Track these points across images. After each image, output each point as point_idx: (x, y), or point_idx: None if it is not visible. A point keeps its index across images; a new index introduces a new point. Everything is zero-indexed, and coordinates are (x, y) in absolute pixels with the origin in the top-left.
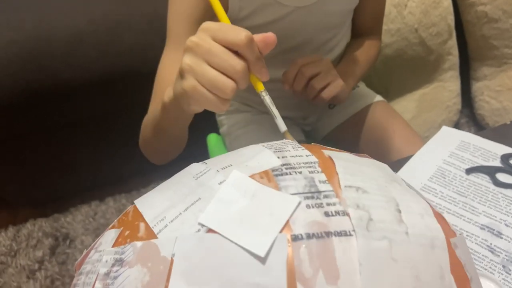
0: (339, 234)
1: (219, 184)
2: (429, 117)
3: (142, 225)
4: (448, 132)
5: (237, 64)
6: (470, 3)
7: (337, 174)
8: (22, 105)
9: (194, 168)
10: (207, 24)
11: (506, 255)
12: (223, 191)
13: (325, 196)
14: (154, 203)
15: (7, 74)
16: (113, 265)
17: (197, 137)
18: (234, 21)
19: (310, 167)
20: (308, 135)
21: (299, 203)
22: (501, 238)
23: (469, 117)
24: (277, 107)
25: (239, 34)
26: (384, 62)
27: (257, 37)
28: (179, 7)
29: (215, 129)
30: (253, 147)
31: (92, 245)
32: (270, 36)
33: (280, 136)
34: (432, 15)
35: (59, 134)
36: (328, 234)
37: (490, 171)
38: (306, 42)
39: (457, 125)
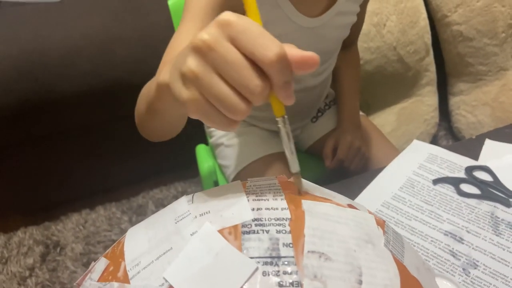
0: None
1: (191, 235)
2: (408, 130)
3: (123, 264)
4: (418, 145)
5: (257, 86)
6: (446, 23)
7: (304, 235)
8: (15, 115)
9: (180, 208)
10: (229, 17)
11: (466, 259)
12: (191, 245)
13: (284, 263)
14: (137, 241)
15: (2, 85)
16: None
17: (188, 146)
18: None
19: (280, 225)
20: None
21: (256, 269)
22: (463, 243)
23: (447, 130)
24: (262, 120)
25: (270, 48)
26: (365, 78)
27: (294, 54)
28: None
29: (204, 138)
30: (235, 190)
31: (90, 268)
32: (312, 57)
33: (262, 147)
34: (410, 34)
35: (51, 144)
36: None
37: (454, 182)
38: None
39: (435, 138)
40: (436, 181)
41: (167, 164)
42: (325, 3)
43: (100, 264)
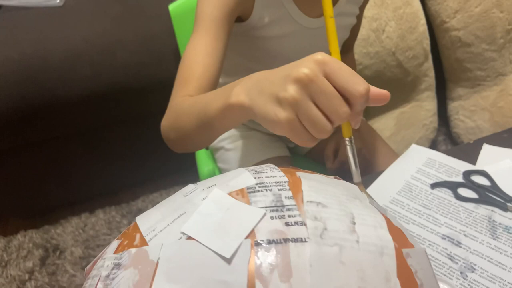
0: (296, 240)
1: (201, 200)
2: (407, 135)
3: (138, 235)
4: (417, 150)
5: (344, 112)
6: (444, 29)
7: (302, 191)
8: (16, 119)
9: (187, 188)
10: (324, 58)
11: (464, 263)
12: (203, 206)
13: (288, 209)
14: (150, 217)
15: (3, 89)
16: (112, 269)
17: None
18: (252, 28)
19: (280, 185)
20: (292, 151)
21: (264, 214)
22: (460, 247)
23: (446, 135)
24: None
25: (359, 85)
26: None
27: (374, 91)
28: None
29: None
30: (237, 170)
31: (100, 254)
32: (386, 94)
33: (263, 151)
34: (409, 39)
35: (51, 147)
36: (286, 240)
37: (452, 186)
38: None
39: (434, 143)
40: (434, 185)
41: (166, 168)
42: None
43: (113, 245)
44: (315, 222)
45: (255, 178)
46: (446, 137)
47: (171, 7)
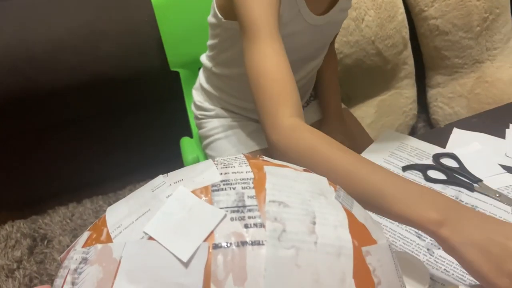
0: (253, 243)
1: (166, 197)
2: (387, 122)
3: (105, 230)
4: (390, 135)
5: None
6: (423, 17)
7: (265, 189)
8: (0, 110)
9: (156, 181)
10: None
11: (430, 240)
12: (167, 204)
13: (249, 210)
14: (118, 211)
15: None
16: (80, 263)
17: (173, 139)
18: None
19: (245, 183)
20: None
21: (225, 216)
22: None
23: (426, 121)
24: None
25: None
26: (345, 71)
27: None
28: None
29: (188, 131)
30: (206, 163)
31: (73, 243)
32: None
33: (254, 140)
34: (387, 28)
35: (36, 138)
36: (244, 243)
37: (422, 169)
38: (312, 56)
39: (414, 129)
40: (405, 168)
41: (153, 158)
42: (329, 0)
43: (83, 236)
44: (274, 224)
45: (221, 174)
46: (426, 124)
47: None
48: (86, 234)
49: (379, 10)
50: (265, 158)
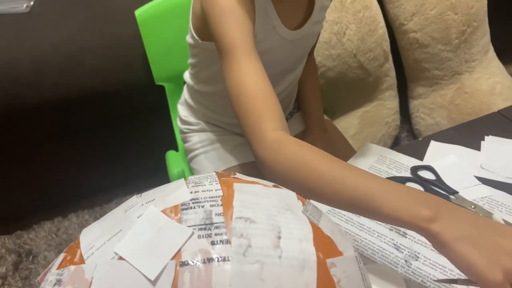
0: (219, 259)
1: (137, 217)
2: (370, 132)
3: (78, 251)
4: (370, 148)
5: None
6: (403, 31)
7: (233, 207)
8: None
9: (130, 201)
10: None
11: (408, 252)
12: (137, 224)
13: (216, 227)
14: (91, 232)
15: None
16: (54, 284)
17: (158, 152)
18: None
19: (213, 201)
20: None
21: (192, 234)
22: (406, 237)
23: (409, 131)
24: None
25: None
26: (329, 84)
27: None
28: (237, 19)
29: (173, 144)
30: (177, 182)
31: (50, 265)
32: None
33: (239, 155)
34: (369, 41)
35: (21, 153)
36: (210, 260)
37: (400, 181)
38: (290, 69)
39: (398, 139)
40: None
41: (138, 171)
42: (302, 15)
43: (59, 258)
44: (240, 240)
45: (191, 192)
46: (408, 134)
47: (137, 12)
48: (61, 256)
49: (360, 24)
50: (238, 175)
